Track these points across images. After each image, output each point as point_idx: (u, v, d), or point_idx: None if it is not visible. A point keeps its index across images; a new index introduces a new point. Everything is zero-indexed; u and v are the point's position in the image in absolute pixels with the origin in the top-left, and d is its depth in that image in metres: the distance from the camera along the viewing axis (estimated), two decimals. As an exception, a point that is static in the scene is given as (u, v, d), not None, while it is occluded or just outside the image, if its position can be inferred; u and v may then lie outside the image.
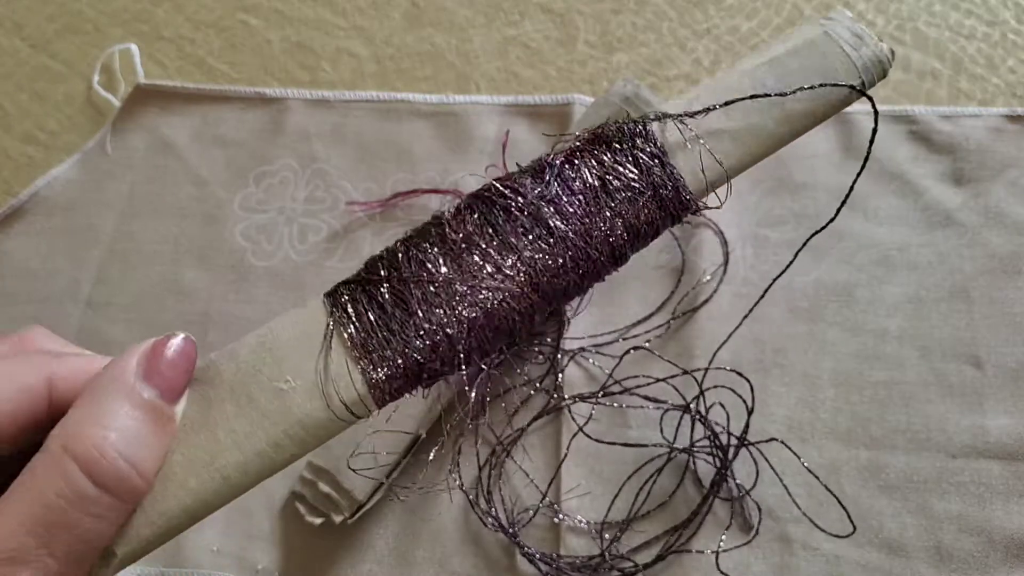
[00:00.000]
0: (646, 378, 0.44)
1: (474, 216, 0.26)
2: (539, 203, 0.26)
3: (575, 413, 0.43)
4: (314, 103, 0.54)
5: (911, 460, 0.42)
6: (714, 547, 0.40)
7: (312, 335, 0.25)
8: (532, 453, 0.43)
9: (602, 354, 0.45)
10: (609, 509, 0.41)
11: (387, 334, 0.25)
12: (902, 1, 0.57)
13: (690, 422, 0.42)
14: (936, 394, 0.43)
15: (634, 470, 0.42)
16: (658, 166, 0.27)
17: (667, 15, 0.58)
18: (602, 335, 0.46)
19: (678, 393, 0.43)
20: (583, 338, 0.45)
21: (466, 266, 0.25)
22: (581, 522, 0.41)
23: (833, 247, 0.47)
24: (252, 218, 0.51)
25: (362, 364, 0.25)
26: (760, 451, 0.41)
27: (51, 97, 0.57)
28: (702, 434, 0.42)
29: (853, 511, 0.40)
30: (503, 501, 0.42)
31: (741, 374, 0.42)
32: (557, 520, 0.41)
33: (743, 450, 0.41)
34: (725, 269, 0.47)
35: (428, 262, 0.26)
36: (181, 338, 0.24)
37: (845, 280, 0.46)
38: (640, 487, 0.42)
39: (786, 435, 0.42)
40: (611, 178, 0.26)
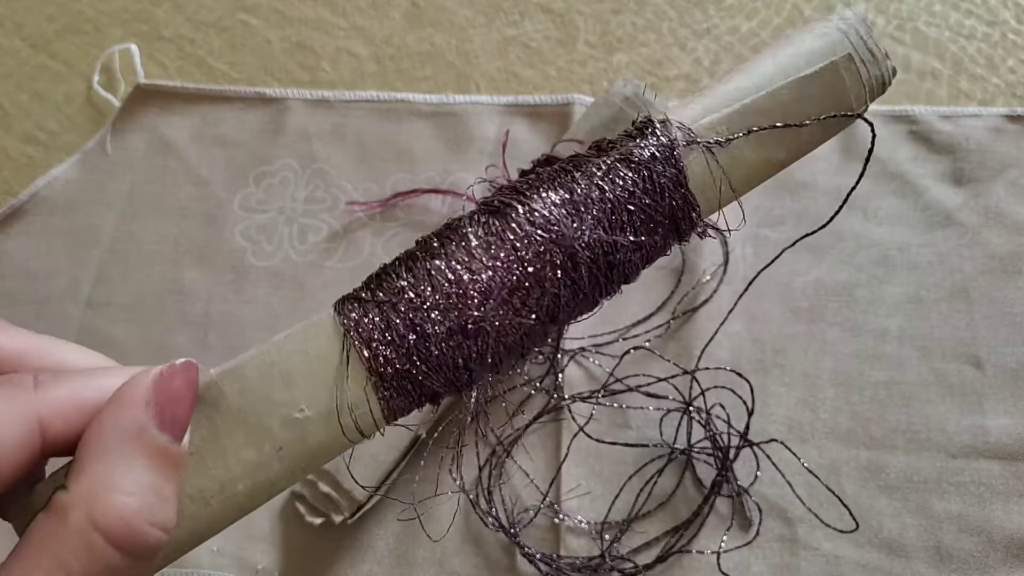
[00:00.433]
0: (646, 377, 0.44)
1: (485, 230, 0.24)
2: (559, 224, 0.24)
3: (575, 413, 0.43)
4: (314, 103, 0.54)
5: (911, 460, 0.42)
6: (714, 547, 0.40)
7: (326, 357, 0.24)
8: (532, 453, 0.43)
9: (602, 354, 0.45)
10: (610, 509, 0.41)
11: (405, 361, 0.24)
12: (902, 1, 0.57)
13: (690, 423, 0.42)
14: (936, 394, 0.43)
15: (635, 470, 0.42)
16: (679, 194, 0.26)
17: (667, 15, 0.58)
18: (602, 335, 0.46)
19: (678, 393, 0.43)
20: (583, 338, 0.45)
21: (479, 286, 0.24)
22: (581, 522, 0.41)
23: (833, 247, 0.47)
24: (252, 218, 0.51)
25: (380, 391, 0.24)
26: (761, 450, 0.41)
27: (51, 97, 0.57)
28: (702, 434, 0.42)
29: (853, 511, 0.40)
30: (503, 501, 0.42)
31: (741, 375, 0.42)
32: (557, 520, 0.41)
33: (743, 451, 0.41)
34: (725, 269, 0.47)
35: (442, 279, 0.24)
36: (183, 366, 0.22)
37: (845, 280, 0.46)
38: (641, 488, 0.42)
39: (786, 435, 0.42)
40: (630, 200, 0.25)
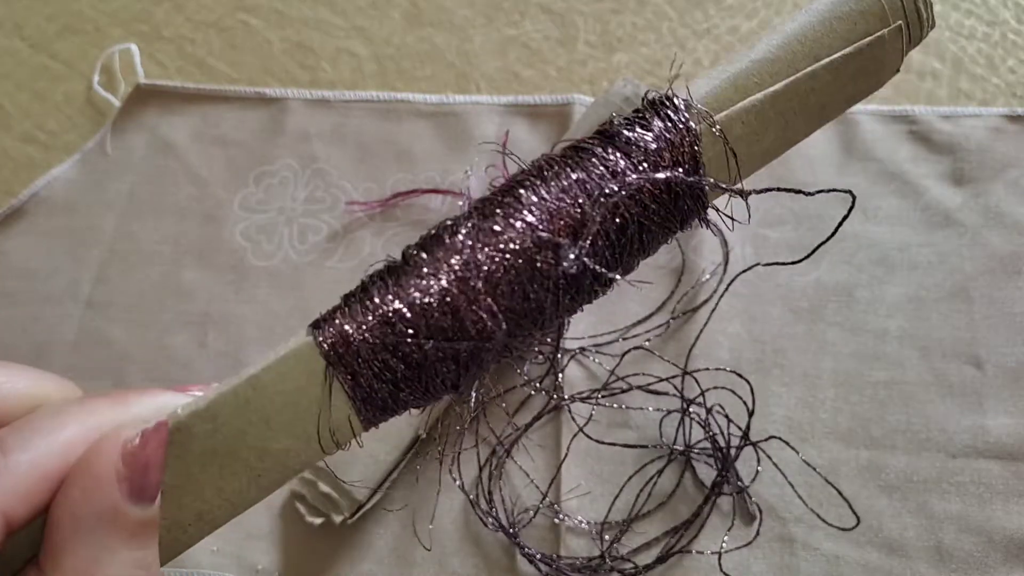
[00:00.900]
0: (646, 376, 0.44)
1: (474, 237, 0.23)
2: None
3: (575, 413, 0.43)
4: (314, 103, 0.54)
5: (911, 460, 0.42)
6: (714, 548, 0.40)
7: (305, 390, 0.22)
8: (532, 453, 0.43)
9: (602, 353, 0.45)
10: (610, 510, 0.41)
11: (391, 386, 0.23)
12: (902, 1, 0.57)
13: (689, 423, 0.42)
14: (936, 394, 0.43)
15: (635, 471, 0.42)
16: (691, 185, 0.25)
17: (667, 15, 0.58)
18: (602, 335, 0.46)
19: (678, 394, 0.43)
20: (583, 338, 0.45)
21: (468, 300, 0.22)
22: (581, 523, 0.41)
23: (833, 247, 0.47)
24: (252, 218, 0.51)
25: (363, 414, 0.23)
26: (761, 450, 0.41)
27: (51, 97, 0.57)
28: (702, 435, 0.42)
29: (853, 510, 0.40)
30: (503, 501, 0.42)
31: (741, 375, 0.42)
32: (557, 521, 0.41)
33: (742, 451, 0.41)
34: (725, 269, 0.47)
35: (428, 295, 0.22)
36: (153, 433, 0.21)
37: (845, 280, 0.46)
38: (641, 488, 0.42)
39: (786, 435, 0.42)
40: (643, 218, 0.24)
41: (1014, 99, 0.52)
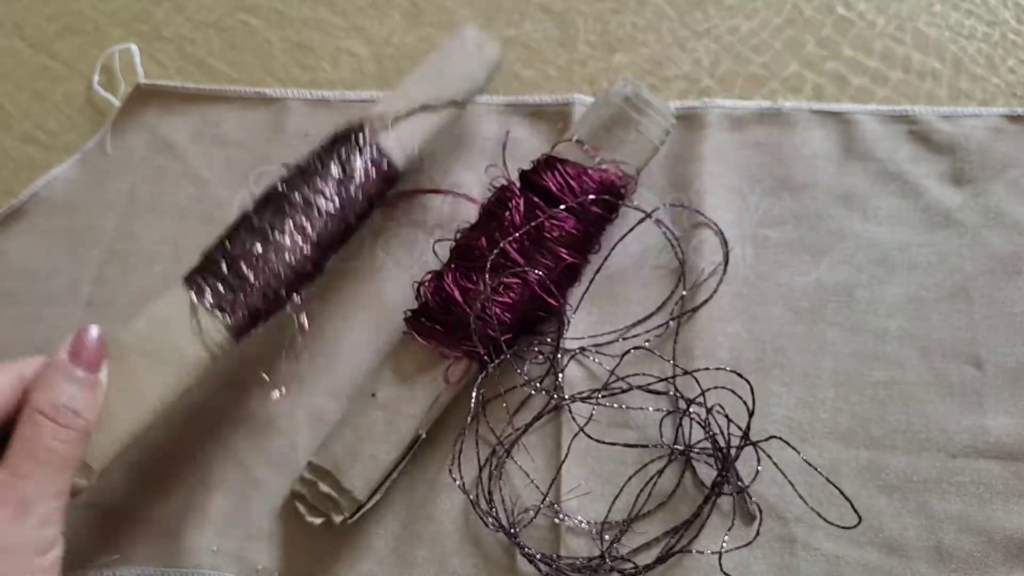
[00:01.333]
0: (645, 376, 0.44)
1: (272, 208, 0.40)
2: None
3: (575, 413, 0.43)
4: (314, 103, 0.54)
5: (911, 460, 0.42)
6: (714, 548, 0.40)
7: (182, 307, 0.38)
8: (532, 453, 0.43)
9: (602, 353, 0.45)
10: (610, 510, 0.41)
11: (231, 294, 0.38)
12: (902, 1, 0.57)
13: (689, 423, 0.42)
14: (936, 394, 0.43)
15: (635, 471, 0.42)
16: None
17: (667, 15, 0.58)
18: (602, 335, 0.46)
19: (679, 394, 0.43)
20: (583, 338, 0.45)
21: (272, 241, 0.39)
22: (581, 523, 0.41)
23: (833, 247, 0.47)
24: (252, 218, 0.51)
25: (220, 316, 0.38)
26: (762, 449, 0.41)
27: (51, 97, 0.57)
28: (702, 434, 0.42)
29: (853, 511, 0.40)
30: (503, 501, 0.42)
31: (741, 375, 0.42)
32: (557, 520, 0.41)
33: (742, 451, 0.41)
34: (725, 269, 0.47)
35: (248, 243, 0.39)
36: (95, 328, 0.36)
37: (845, 280, 0.47)
38: (641, 488, 0.42)
39: (786, 435, 0.42)
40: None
41: (1014, 99, 0.52)
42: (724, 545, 0.40)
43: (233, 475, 0.44)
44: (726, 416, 0.42)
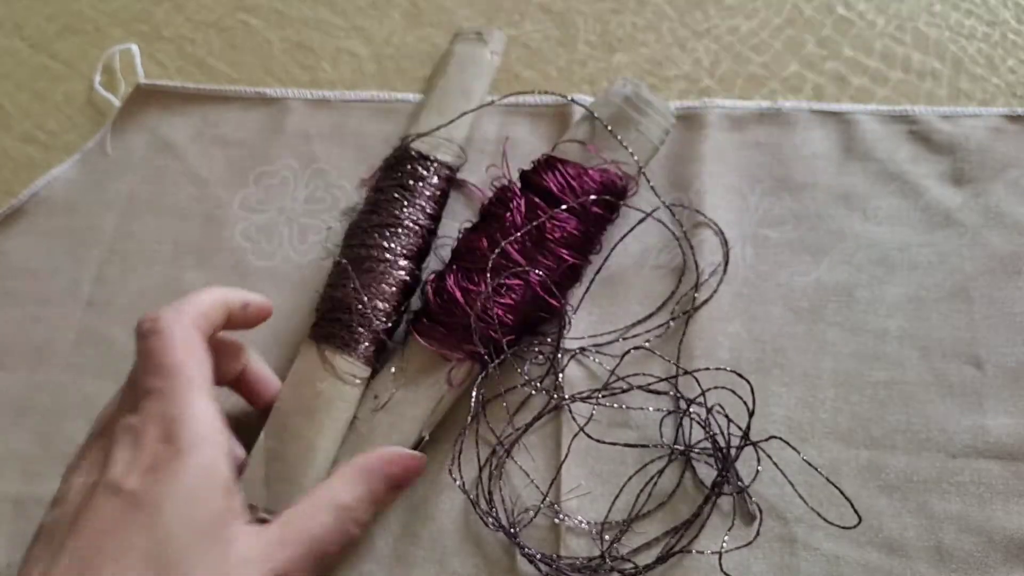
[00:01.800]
0: (646, 375, 0.44)
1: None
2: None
3: (575, 413, 0.43)
4: (314, 103, 0.54)
5: (911, 460, 0.42)
6: (714, 548, 0.40)
7: (312, 358, 0.42)
8: (532, 453, 0.43)
9: (603, 353, 0.45)
10: (610, 510, 0.41)
11: (344, 330, 0.42)
12: (902, 1, 0.57)
13: (690, 424, 0.42)
14: (936, 394, 0.43)
15: (635, 471, 0.42)
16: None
17: (667, 15, 0.58)
18: (602, 335, 0.46)
19: (679, 394, 0.43)
20: (583, 338, 0.45)
21: (370, 270, 0.44)
22: (581, 523, 0.41)
23: (833, 247, 0.47)
24: (252, 218, 0.51)
25: (346, 351, 0.42)
26: (762, 449, 0.41)
27: (51, 97, 0.57)
28: (703, 434, 0.42)
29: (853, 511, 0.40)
30: (503, 501, 0.42)
31: (742, 375, 0.42)
32: (557, 521, 0.41)
33: (742, 452, 0.41)
34: (725, 269, 0.47)
35: (347, 282, 0.43)
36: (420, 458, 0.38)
37: (845, 280, 0.47)
38: (641, 488, 0.42)
39: (786, 435, 0.42)
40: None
41: (1014, 99, 0.52)
42: (724, 545, 0.40)
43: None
44: (726, 416, 0.42)
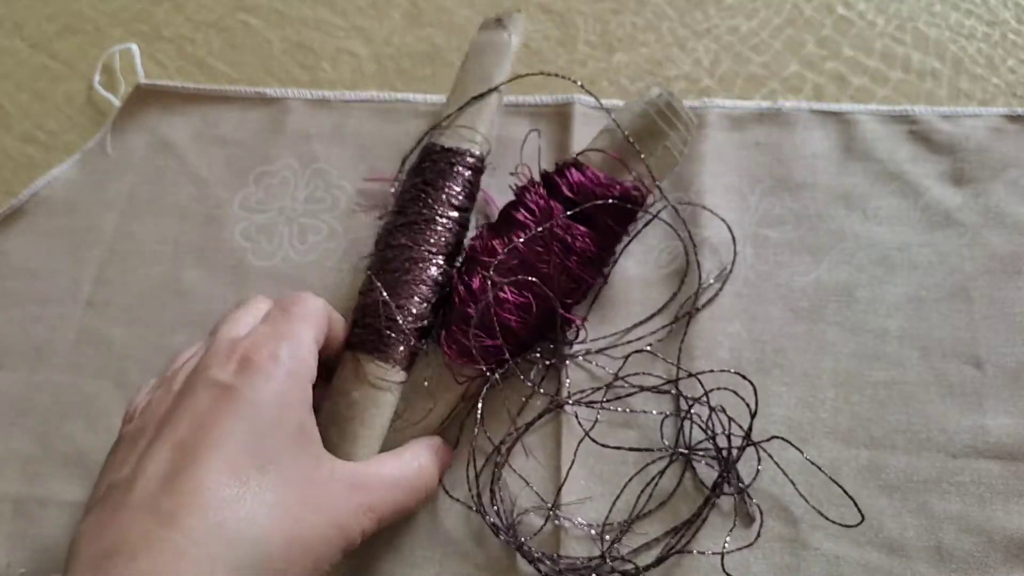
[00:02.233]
0: (646, 376, 0.44)
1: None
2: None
3: (576, 415, 0.43)
4: (314, 103, 0.54)
5: (911, 460, 0.42)
6: (715, 548, 0.40)
7: (350, 367, 0.41)
8: (533, 454, 0.43)
9: (605, 355, 0.45)
10: (610, 510, 0.41)
11: (374, 336, 0.41)
12: (902, 1, 0.57)
13: (690, 425, 0.42)
14: (936, 394, 0.43)
15: (635, 472, 0.42)
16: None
17: (667, 15, 0.58)
18: (604, 337, 0.46)
19: (681, 396, 0.43)
20: (585, 340, 0.45)
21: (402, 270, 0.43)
22: (582, 523, 0.41)
23: (833, 247, 0.47)
24: (252, 218, 0.51)
25: (380, 357, 0.41)
26: (763, 449, 0.41)
27: (51, 97, 0.57)
28: (703, 436, 0.42)
29: (854, 511, 0.40)
30: (503, 501, 0.42)
31: (744, 376, 0.42)
32: (557, 521, 0.41)
33: (743, 452, 0.41)
34: (731, 269, 0.47)
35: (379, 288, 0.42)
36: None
37: (845, 280, 0.47)
38: (642, 489, 0.42)
39: (786, 435, 0.42)
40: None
41: (1014, 99, 0.52)
42: (726, 545, 0.40)
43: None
44: (728, 417, 0.42)
